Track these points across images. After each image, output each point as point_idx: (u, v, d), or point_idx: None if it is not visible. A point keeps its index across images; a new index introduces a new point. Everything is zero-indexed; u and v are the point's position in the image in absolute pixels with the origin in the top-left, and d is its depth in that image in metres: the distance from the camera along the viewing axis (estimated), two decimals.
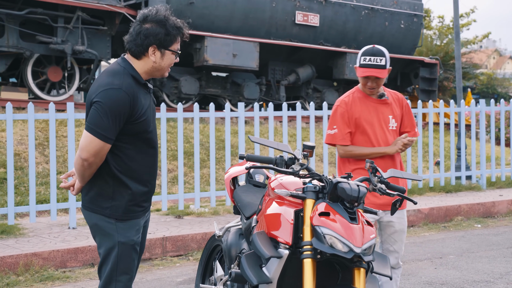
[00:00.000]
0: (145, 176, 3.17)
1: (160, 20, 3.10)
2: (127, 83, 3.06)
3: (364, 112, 4.11)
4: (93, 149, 3.01)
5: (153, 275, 5.72)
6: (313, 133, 8.57)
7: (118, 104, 3.00)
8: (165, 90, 13.09)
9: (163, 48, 3.11)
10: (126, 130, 3.07)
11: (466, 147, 10.18)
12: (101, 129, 3.00)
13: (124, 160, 3.11)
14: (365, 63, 4.03)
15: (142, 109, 3.10)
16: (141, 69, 3.15)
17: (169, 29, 3.10)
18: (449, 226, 7.91)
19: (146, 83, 3.20)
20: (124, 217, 3.13)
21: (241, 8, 13.43)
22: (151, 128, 3.18)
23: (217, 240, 4.10)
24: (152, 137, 3.20)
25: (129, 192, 3.12)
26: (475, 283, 5.28)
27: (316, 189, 3.06)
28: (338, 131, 4.12)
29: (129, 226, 3.15)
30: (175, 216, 7.47)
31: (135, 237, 3.17)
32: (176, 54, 3.17)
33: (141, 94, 3.14)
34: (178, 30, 3.13)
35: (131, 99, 3.04)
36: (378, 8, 15.26)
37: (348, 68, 14.46)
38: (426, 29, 26.42)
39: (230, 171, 4.12)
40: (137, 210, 3.17)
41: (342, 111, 4.12)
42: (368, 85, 4.10)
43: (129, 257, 3.15)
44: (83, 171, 3.08)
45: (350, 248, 2.84)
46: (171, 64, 3.19)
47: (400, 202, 3.27)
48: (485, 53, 52.23)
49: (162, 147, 7.59)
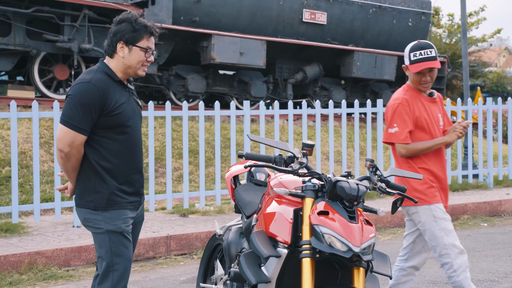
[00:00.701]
0: (123, 170, 3.29)
1: (128, 19, 3.30)
2: (97, 78, 3.23)
3: (421, 110, 4.01)
4: (67, 139, 3.18)
5: (156, 274, 5.72)
6: (319, 132, 8.54)
7: (87, 96, 3.17)
8: (172, 88, 13.09)
9: (131, 44, 3.27)
10: (102, 123, 3.22)
11: (473, 145, 10.12)
12: (72, 120, 3.17)
13: (103, 153, 3.25)
14: (416, 58, 3.94)
15: (116, 102, 3.24)
16: (115, 67, 3.31)
17: (136, 26, 3.27)
18: (455, 225, 7.86)
19: (122, 81, 3.33)
20: (108, 207, 3.25)
21: (248, 6, 13.42)
22: (130, 124, 3.29)
23: (218, 239, 4.08)
24: (132, 133, 3.31)
25: (108, 185, 3.25)
26: (480, 282, 5.24)
27: (315, 188, 3.04)
28: (399, 129, 3.96)
29: (115, 215, 3.27)
30: (180, 215, 7.47)
31: (123, 225, 3.27)
32: (145, 51, 3.29)
33: (116, 90, 3.28)
34: (145, 28, 3.30)
35: (101, 92, 3.19)
36: (386, 6, 15.19)
37: (355, 66, 14.41)
38: (436, 27, 26.31)
39: (231, 170, 4.11)
40: (121, 201, 3.28)
41: (404, 108, 3.97)
42: (422, 80, 3.99)
43: (121, 245, 3.26)
44: (63, 164, 3.24)
45: (349, 248, 2.81)
46: (141, 61, 3.31)
47: (400, 201, 3.24)
48: (495, 51, 51.94)
49: (167, 145, 7.58)
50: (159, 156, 9.34)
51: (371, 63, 14.58)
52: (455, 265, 3.87)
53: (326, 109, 8.80)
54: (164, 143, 9.57)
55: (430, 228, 3.94)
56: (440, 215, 3.94)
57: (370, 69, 14.58)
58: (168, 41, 12.71)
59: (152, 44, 3.32)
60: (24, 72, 12.58)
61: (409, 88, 4.08)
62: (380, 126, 9.03)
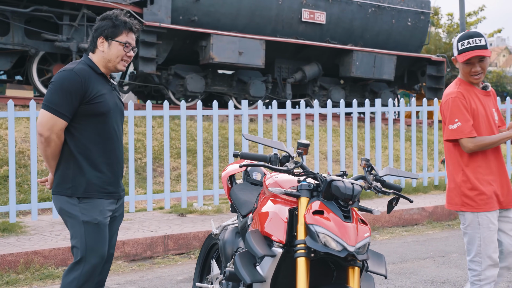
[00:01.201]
0: (102, 159, 3.36)
1: (108, 16, 3.44)
2: (79, 68, 3.35)
3: (477, 104, 3.79)
4: (47, 123, 3.27)
5: (154, 274, 5.71)
6: (317, 131, 8.54)
7: (68, 82, 3.28)
8: (171, 88, 13.09)
9: (110, 39, 3.40)
10: (83, 111, 3.31)
11: None
12: (52, 104, 3.28)
13: (82, 141, 3.33)
14: (464, 47, 3.73)
15: (98, 92, 3.35)
16: (97, 61, 3.43)
17: (115, 22, 3.41)
18: (453, 224, 7.86)
19: (104, 75, 3.44)
20: (85, 195, 3.31)
21: (247, 5, 13.41)
22: (111, 114, 3.38)
23: (214, 239, 4.08)
24: (112, 124, 3.39)
25: (86, 173, 3.32)
26: None
27: (310, 187, 3.03)
28: (462, 123, 3.70)
29: (92, 206, 3.32)
30: (178, 214, 7.46)
31: (99, 217, 3.32)
32: (124, 46, 3.40)
33: (98, 81, 3.39)
34: (124, 23, 3.41)
35: (82, 80, 3.30)
36: (385, 6, 15.19)
37: (354, 66, 14.41)
38: (435, 27, 26.31)
39: (228, 169, 4.10)
40: (98, 191, 3.34)
41: (461, 102, 3.74)
42: (473, 71, 3.76)
43: (96, 237, 3.30)
44: (43, 149, 3.32)
45: (344, 247, 2.81)
46: (120, 55, 3.41)
47: (396, 200, 3.23)
48: (495, 51, 51.95)
49: (165, 145, 7.58)
50: (157, 155, 9.33)
51: (370, 62, 14.58)
52: (482, 275, 3.74)
53: (325, 108, 8.81)
54: (162, 142, 9.56)
55: (471, 233, 3.78)
56: (485, 224, 3.74)
57: (369, 68, 14.58)
58: (167, 41, 12.70)
59: (131, 40, 3.44)
60: (22, 71, 12.58)
61: (461, 82, 3.84)
62: (378, 125, 9.02)
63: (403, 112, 9.34)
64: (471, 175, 3.76)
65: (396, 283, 5.22)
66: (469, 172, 3.76)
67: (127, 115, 7.41)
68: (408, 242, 6.86)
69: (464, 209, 3.78)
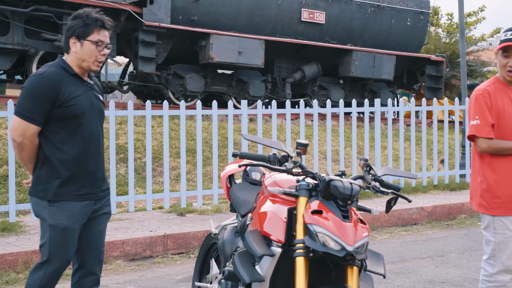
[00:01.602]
0: (77, 162, 3.34)
1: (79, 14, 3.37)
2: (51, 71, 3.30)
3: (507, 104, 3.66)
4: (19, 129, 3.26)
5: (153, 273, 5.72)
6: (317, 131, 8.55)
7: (38, 87, 3.25)
8: (171, 87, 13.10)
9: (82, 39, 3.33)
10: (56, 115, 3.28)
11: (470, 145, 10.11)
12: (23, 110, 3.25)
13: (56, 144, 3.31)
14: (506, 38, 3.62)
15: (70, 94, 3.30)
16: (71, 62, 3.37)
17: (86, 21, 3.33)
18: (452, 224, 7.88)
19: (79, 76, 3.38)
20: (55, 198, 3.31)
21: (246, 5, 13.43)
22: (85, 116, 3.34)
23: (213, 238, 4.09)
24: (87, 125, 3.36)
25: (59, 176, 3.31)
26: (475, 281, 5.25)
27: (309, 187, 3.04)
28: (481, 122, 3.62)
29: (60, 209, 3.31)
30: (177, 214, 7.47)
31: (66, 222, 3.31)
32: (96, 45, 3.33)
33: (71, 83, 3.34)
34: (95, 21, 3.33)
35: (52, 84, 3.26)
36: (385, 6, 15.21)
37: (354, 66, 14.43)
38: (435, 27, 26.31)
39: (227, 169, 4.11)
40: (69, 193, 3.33)
41: (485, 100, 3.64)
42: (509, 66, 3.62)
43: (61, 242, 3.31)
44: (18, 154, 3.33)
45: (342, 247, 2.81)
46: (93, 55, 3.35)
47: (395, 200, 3.23)
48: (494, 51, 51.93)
49: (164, 144, 7.59)
50: (157, 155, 9.34)
51: (370, 62, 14.59)
52: (492, 278, 3.71)
53: (324, 108, 8.81)
54: (162, 142, 9.57)
55: (486, 236, 3.73)
56: (500, 229, 3.66)
57: (368, 68, 14.59)
58: (167, 40, 12.72)
59: (104, 37, 3.36)
60: (22, 71, 12.59)
61: (496, 80, 3.72)
62: (377, 125, 9.04)
63: (402, 112, 9.35)
64: (489, 176, 3.68)
65: (395, 283, 5.23)
66: (487, 173, 3.69)
67: (126, 114, 7.42)
68: (407, 242, 6.87)
69: (480, 210, 3.73)
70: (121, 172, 8.91)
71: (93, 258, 3.47)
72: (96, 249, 3.47)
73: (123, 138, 9.71)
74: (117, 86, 13.88)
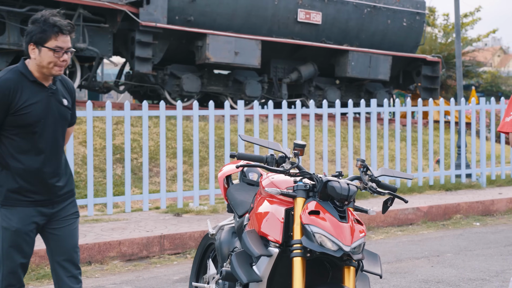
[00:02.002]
0: (31, 169, 3.30)
1: (37, 19, 3.26)
2: (6, 78, 3.25)
3: None
4: None
5: (150, 273, 5.73)
6: (313, 131, 8.57)
7: None
8: (167, 88, 13.11)
9: (40, 45, 3.24)
10: (10, 122, 3.25)
11: (466, 145, 10.17)
12: None
13: (10, 151, 3.28)
14: None
15: (25, 102, 3.25)
16: (32, 67, 3.30)
17: (43, 27, 3.22)
18: (448, 224, 7.91)
19: (39, 81, 3.30)
20: (6, 202, 3.31)
21: (243, 5, 13.44)
22: (40, 124, 3.29)
23: (210, 239, 4.10)
24: (43, 133, 3.31)
25: (12, 181, 3.30)
26: (471, 281, 5.28)
27: (306, 188, 3.05)
28: None
29: (11, 212, 3.30)
30: (174, 214, 7.48)
31: (18, 225, 3.29)
32: (54, 52, 3.23)
33: (28, 90, 3.27)
34: (52, 27, 3.22)
35: (6, 91, 3.21)
36: (381, 6, 15.24)
37: (350, 66, 14.46)
38: (431, 27, 26.37)
39: (224, 170, 4.12)
40: (20, 199, 3.31)
41: None
42: None
43: (12, 244, 3.29)
44: None
45: (340, 247, 2.83)
46: (51, 62, 3.26)
47: (391, 201, 3.25)
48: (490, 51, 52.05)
49: (161, 145, 7.60)
50: (153, 155, 9.35)
51: (366, 63, 14.62)
52: None
53: (320, 108, 8.85)
54: (158, 142, 9.58)
55: None
56: None
57: (364, 69, 14.63)
58: (163, 41, 12.72)
59: (62, 43, 3.25)
60: None
61: None
62: (374, 125, 9.06)
63: (398, 112, 9.38)
64: None
65: (391, 283, 5.25)
66: None
67: (123, 115, 7.42)
68: (403, 242, 6.89)
69: None
70: (117, 172, 8.92)
71: (65, 259, 3.43)
72: (67, 251, 3.43)
73: (120, 139, 9.72)
74: (113, 86, 13.88)
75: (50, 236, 3.41)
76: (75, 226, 3.49)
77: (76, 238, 3.49)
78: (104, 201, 7.37)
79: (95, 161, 8.95)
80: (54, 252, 3.43)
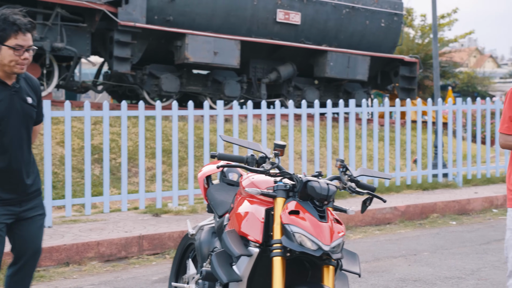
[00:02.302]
0: None
1: None
2: None
3: None
4: None
5: (128, 274, 5.72)
6: (292, 131, 8.61)
7: None
8: (146, 87, 13.06)
9: (0, 44, 3.22)
10: None
11: (443, 145, 10.29)
12: None
13: None
14: None
15: None
16: None
17: (3, 25, 3.20)
18: (425, 223, 7.99)
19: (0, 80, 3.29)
20: None
21: (222, 6, 13.44)
22: (3, 125, 3.29)
23: (190, 239, 4.11)
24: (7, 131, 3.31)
25: None
26: (447, 279, 5.35)
27: (286, 188, 3.08)
28: (503, 117, 3.63)
29: None
30: (152, 214, 7.47)
31: None
32: (14, 50, 3.22)
33: None
34: (11, 25, 3.20)
35: None
36: (359, 7, 15.33)
37: (329, 66, 14.52)
38: (409, 28, 26.58)
39: (204, 170, 4.13)
40: None
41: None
42: None
43: None
44: None
45: (319, 246, 2.86)
46: (12, 60, 3.25)
47: (370, 200, 3.29)
48: (466, 52, 52.59)
49: (140, 145, 7.58)
50: (132, 155, 9.32)
51: (344, 63, 14.71)
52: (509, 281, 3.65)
53: (299, 109, 8.87)
54: (137, 142, 9.55)
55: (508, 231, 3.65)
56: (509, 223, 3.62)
57: (343, 69, 14.71)
58: (142, 41, 12.68)
59: (23, 41, 3.24)
60: None
61: None
62: (352, 125, 9.12)
63: (376, 113, 9.46)
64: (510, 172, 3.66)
65: (369, 282, 5.30)
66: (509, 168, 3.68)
67: (102, 115, 7.39)
68: (380, 241, 6.96)
69: (508, 205, 3.68)
70: (95, 172, 8.87)
71: (28, 255, 3.51)
72: (30, 248, 3.49)
73: (98, 139, 9.67)
74: (91, 86, 13.79)
75: (16, 237, 3.46)
76: (42, 224, 3.55)
77: (41, 237, 3.55)
78: (82, 202, 7.33)
79: (73, 161, 8.89)
80: (18, 247, 3.49)
